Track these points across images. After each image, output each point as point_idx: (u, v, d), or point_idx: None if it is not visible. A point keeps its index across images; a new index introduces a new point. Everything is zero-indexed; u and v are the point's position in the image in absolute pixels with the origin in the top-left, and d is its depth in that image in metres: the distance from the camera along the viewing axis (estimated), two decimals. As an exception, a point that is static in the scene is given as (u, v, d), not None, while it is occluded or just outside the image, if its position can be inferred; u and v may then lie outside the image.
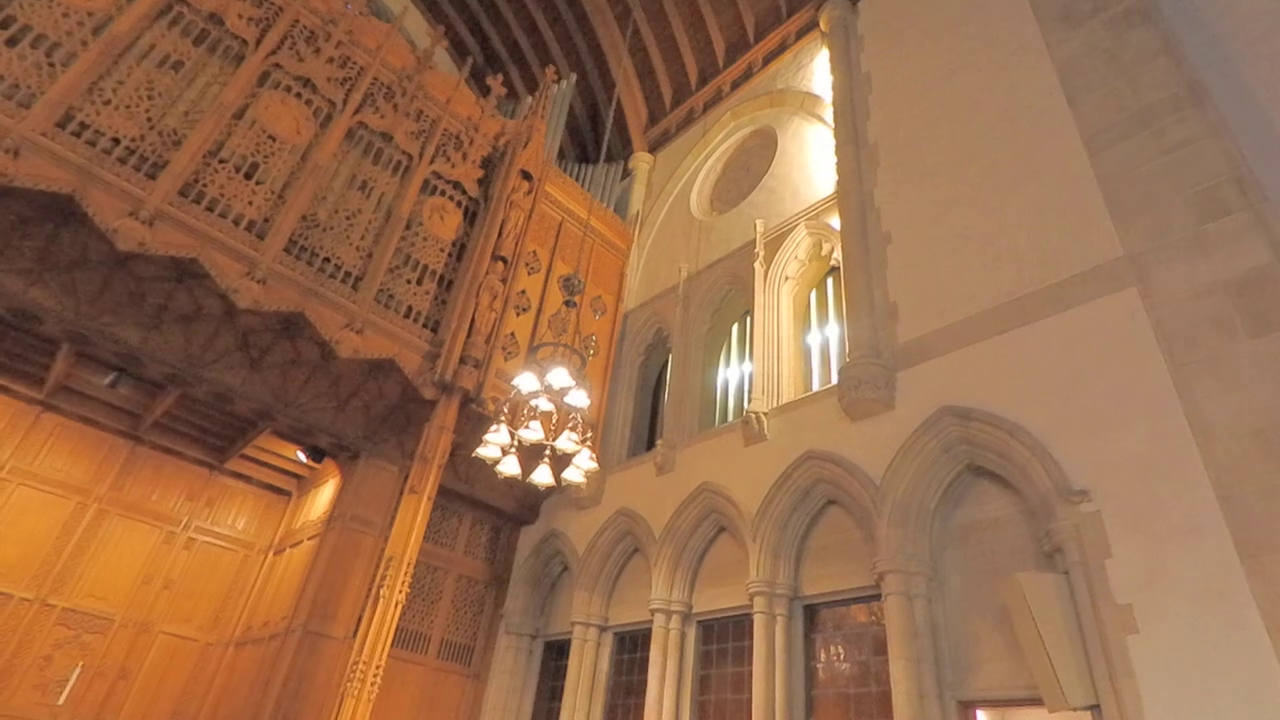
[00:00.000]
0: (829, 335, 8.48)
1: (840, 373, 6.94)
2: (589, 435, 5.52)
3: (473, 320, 8.58)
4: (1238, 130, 5.88)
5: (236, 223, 7.26)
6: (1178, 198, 5.39)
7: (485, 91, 10.79)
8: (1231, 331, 4.72)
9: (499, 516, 10.31)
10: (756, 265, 9.22)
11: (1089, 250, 5.73)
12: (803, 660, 6.53)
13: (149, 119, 7.05)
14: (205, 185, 7.19)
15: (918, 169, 7.72)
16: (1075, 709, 4.44)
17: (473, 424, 8.59)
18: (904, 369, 6.58)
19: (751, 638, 6.64)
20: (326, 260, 7.90)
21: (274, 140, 7.85)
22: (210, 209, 7.14)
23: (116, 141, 6.78)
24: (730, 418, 8.94)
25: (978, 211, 6.83)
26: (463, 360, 8.31)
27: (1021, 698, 4.91)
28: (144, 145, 6.92)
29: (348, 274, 8.03)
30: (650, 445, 9.65)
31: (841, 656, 6.39)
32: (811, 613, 6.71)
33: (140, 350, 7.41)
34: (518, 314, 9.55)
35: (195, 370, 7.74)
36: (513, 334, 9.36)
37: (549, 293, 10.05)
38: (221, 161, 7.39)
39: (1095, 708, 4.40)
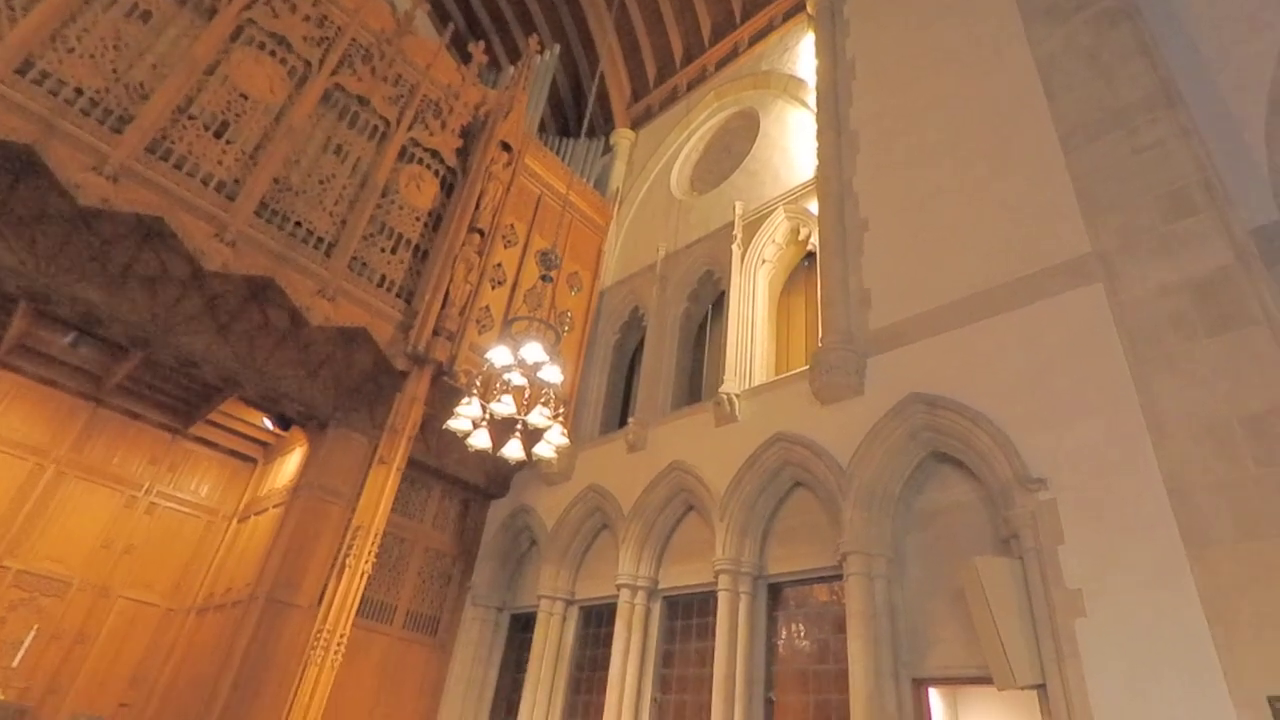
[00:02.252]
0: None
1: (812, 357, 7.02)
2: (561, 411, 5.54)
3: (447, 292, 8.50)
4: (1207, 132, 6.02)
5: (205, 182, 7.08)
6: (1146, 197, 5.50)
7: (466, 59, 10.59)
8: (1191, 330, 4.84)
9: (468, 490, 10.30)
10: (734, 247, 9.24)
11: (1059, 245, 5.84)
12: (765, 637, 6.67)
13: (114, 70, 6.81)
14: (173, 142, 6.98)
15: (897, 158, 7.76)
16: (1022, 687, 4.61)
17: (444, 396, 8.54)
18: (875, 355, 6.67)
19: (715, 614, 6.76)
20: (298, 225, 7.74)
21: (246, 99, 7.63)
22: (178, 167, 6.94)
23: (80, 92, 6.54)
24: (703, 398, 9.00)
25: (954, 202, 6.91)
26: (436, 332, 8.24)
27: (972, 676, 5.08)
28: (109, 98, 6.69)
29: (320, 240, 7.87)
30: (623, 423, 9.68)
31: (802, 634, 6.53)
32: (775, 591, 6.84)
33: (102, 311, 7.22)
34: (493, 287, 9.47)
35: (160, 333, 7.57)
36: (487, 307, 9.29)
37: (525, 267, 9.97)
38: (190, 118, 7.17)
39: (1041, 687, 4.58)
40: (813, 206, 8.53)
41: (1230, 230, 5.03)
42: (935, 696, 5.58)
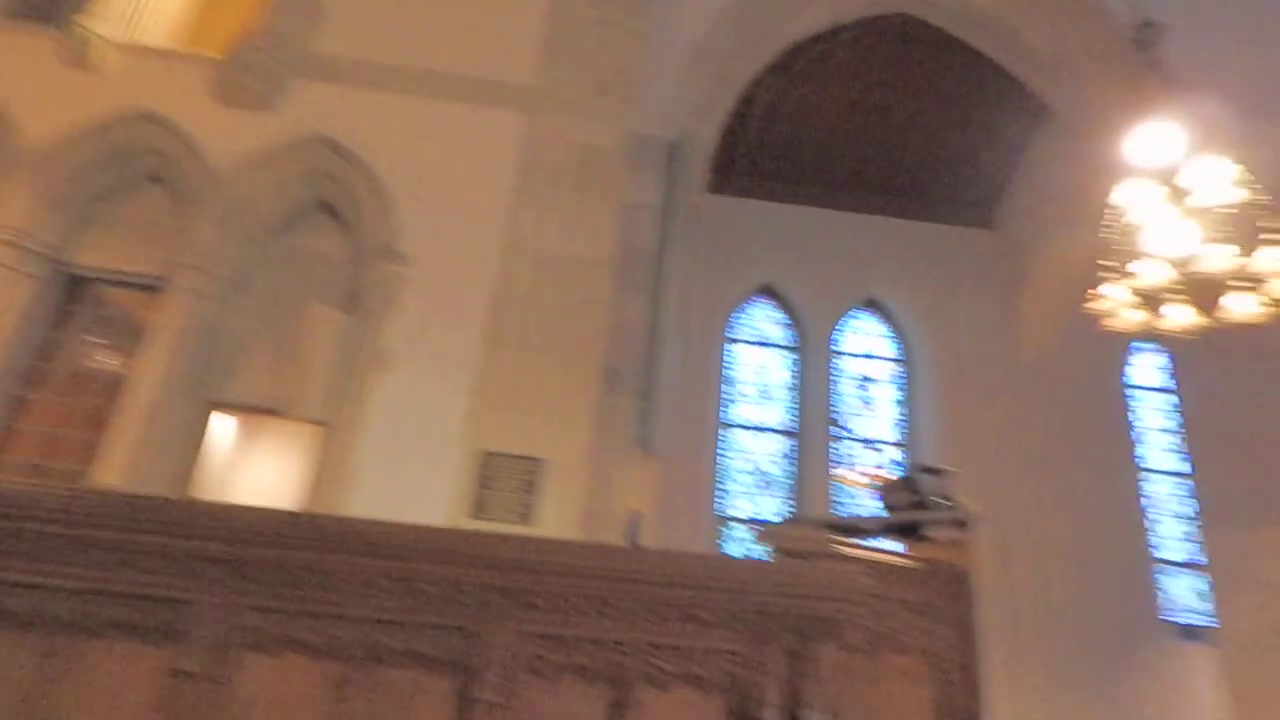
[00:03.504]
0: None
1: (232, 47, 5.88)
2: None
3: None
4: (663, 35, 6.82)
5: None
6: (590, 67, 6.21)
7: None
8: (566, 183, 5.81)
9: None
10: None
11: (510, 67, 6.15)
12: (49, 331, 5.59)
13: None
14: None
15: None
16: (310, 421, 5.06)
17: None
18: (302, 79, 5.96)
19: (-25, 288, 5.28)
20: None
21: None
22: None
23: None
24: (59, 22, 6.56)
25: (451, -30, 6.54)
26: None
27: (267, 407, 5.31)
28: None
29: None
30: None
31: (102, 339, 5.72)
32: (77, 283, 5.72)
33: None
34: None
35: None
36: None
37: None
38: None
39: (325, 424, 5.09)
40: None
41: (627, 118, 6.10)
42: (230, 422, 5.67)
